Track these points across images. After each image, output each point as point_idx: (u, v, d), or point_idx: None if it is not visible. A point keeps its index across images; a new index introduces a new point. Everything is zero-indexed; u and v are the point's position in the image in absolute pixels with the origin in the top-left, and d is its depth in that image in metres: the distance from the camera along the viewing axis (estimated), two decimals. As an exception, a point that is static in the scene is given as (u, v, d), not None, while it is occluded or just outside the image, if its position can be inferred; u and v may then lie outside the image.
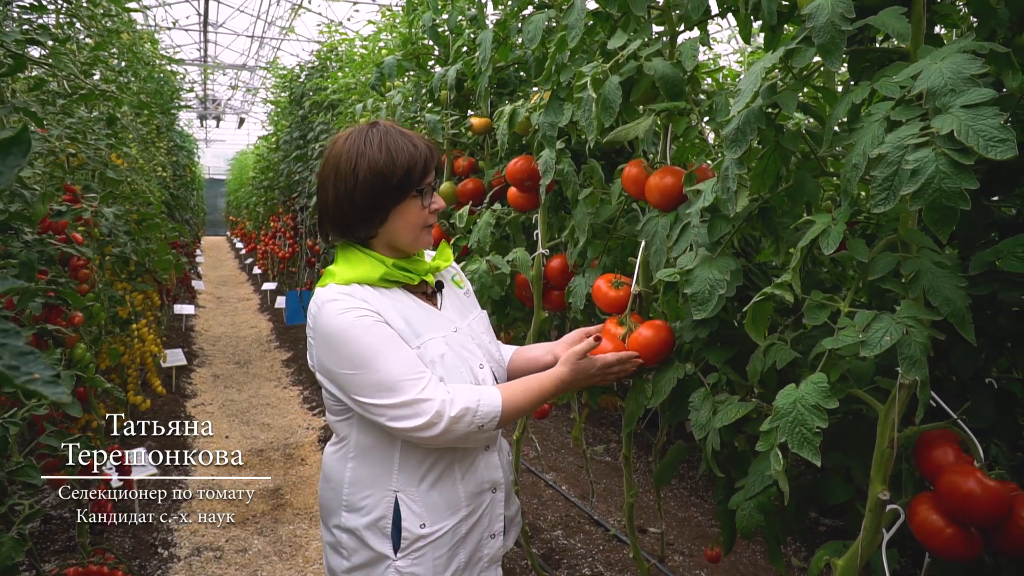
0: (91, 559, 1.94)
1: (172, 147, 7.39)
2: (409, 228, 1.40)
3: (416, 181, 1.37)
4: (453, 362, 1.40)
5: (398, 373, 1.29)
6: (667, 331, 1.52)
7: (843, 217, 1.01)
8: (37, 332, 1.64)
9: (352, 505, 1.42)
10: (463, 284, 1.65)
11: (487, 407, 1.33)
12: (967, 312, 0.93)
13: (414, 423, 1.28)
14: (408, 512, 1.37)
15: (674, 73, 1.44)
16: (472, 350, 1.47)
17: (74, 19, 2.76)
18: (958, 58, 0.84)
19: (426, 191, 1.39)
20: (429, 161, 1.39)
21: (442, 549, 1.38)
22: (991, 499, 0.97)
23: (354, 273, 1.38)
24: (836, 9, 0.96)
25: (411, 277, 1.44)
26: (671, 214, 1.48)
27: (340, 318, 1.31)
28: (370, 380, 1.29)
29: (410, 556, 1.37)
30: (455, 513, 1.40)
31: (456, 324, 1.49)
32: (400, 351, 1.32)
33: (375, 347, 1.29)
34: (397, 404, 1.29)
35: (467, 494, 1.42)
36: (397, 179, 1.35)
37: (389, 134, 1.38)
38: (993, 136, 0.75)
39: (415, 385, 1.29)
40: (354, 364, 1.30)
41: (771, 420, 1.03)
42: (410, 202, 1.38)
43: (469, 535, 1.43)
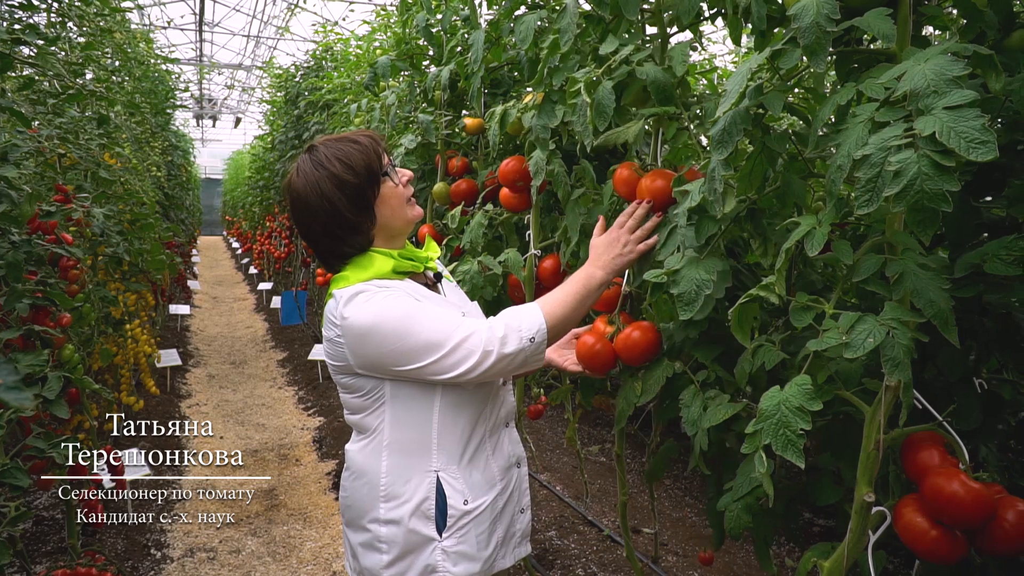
0: (80, 561, 1.94)
1: (167, 147, 7.37)
2: (396, 207, 1.46)
3: (378, 169, 1.42)
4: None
5: (438, 327, 1.34)
6: (654, 332, 1.53)
7: (828, 219, 1.01)
8: (24, 333, 1.64)
9: (392, 495, 1.42)
10: (452, 278, 1.70)
11: (528, 320, 1.37)
12: (951, 314, 0.93)
13: (470, 363, 1.33)
14: (452, 490, 1.41)
15: (664, 78, 1.44)
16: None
17: (65, 18, 2.75)
18: (941, 60, 0.84)
19: (390, 172, 1.45)
20: (376, 147, 1.44)
21: (484, 524, 1.43)
22: (975, 501, 0.96)
23: (367, 273, 1.42)
24: (821, 10, 0.96)
25: (417, 265, 1.50)
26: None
27: (369, 303, 1.35)
28: (417, 343, 1.34)
29: (456, 535, 1.40)
30: (492, 488, 1.46)
31: (463, 310, 1.54)
32: (432, 309, 1.38)
33: (409, 314, 1.35)
34: (448, 352, 1.33)
35: (499, 468, 1.48)
36: (363, 175, 1.40)
37: (328, 147, 1.43)
38: (975, 138, 0.75)
39: (456, 330, 1.34)
40: (398, 335, 1.34)
41: (756, 422, 1.02)
42: (384, 188, 1.43)
43: (504, 510, 1.48)
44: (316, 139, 1.48)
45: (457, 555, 1.40)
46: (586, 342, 1.60)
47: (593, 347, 1.58)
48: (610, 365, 1.59)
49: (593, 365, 1.59)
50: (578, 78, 1.56)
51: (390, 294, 1.37)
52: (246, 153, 14.21)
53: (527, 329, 1.36)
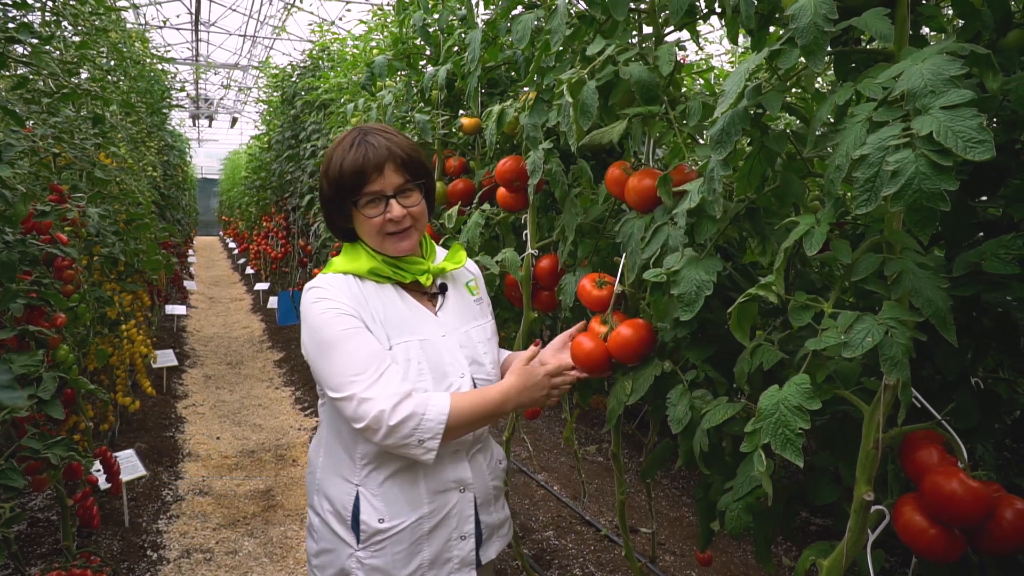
0: (75, 563, 1.93)
1: (163, 146, 7.35)
2: (367, 235, 1.43)
3: (348, 192, 1.39)
4: (423, 368, 1.39)
5: (349, 367, 1.30)
6: (647, 330, 1.53)
7: (827, 218, 1.01)
8: (19, 333, 1.63)
9: (322, 491, 1.46)
10: (476, 291, 1.64)
11: (433, 415, 1.30)
12: (949, 313, 0.93)
13: (359, 425, 1.29)
14: (367, 506, 1.39)
15: (649, 78, 1.44)
16: (457, 358, 1.46)
17: (59, 17, 2.73)
18: (939, 59, 0.84)
19: (365, 203, 1.39)
20: (361, 170, 1.37)
21: (402, 544, 1.39)
22: (973, 500, 0.97)
23: (350, 265, 1.42)
24: (819, 10, 0.96)
25: (402, 276, 1.45)
26: (647, 216, 1.49)
27: (312, 305, 1.36)
28: (328, 370, 1.32)
29: (370, 548, 1.39)
30: (416, 509, 1.40)
31: (447, 329, 1.47)
32: (361, 345, 1.32)
33: (334, 337, 1.32)
34: (344, 398, 1.30)
35: (429, 491, 1.41)
36: (332, 191, 1.41)
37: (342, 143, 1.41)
38: (972, 137, 0.75)
39: (362, 382, 1.29)
40: (319, 351, 1.34)
41: (754, 421, 1.02)
42: (356, 213, 1.41)
43: (433, 533, 1.42)
44: (374, 125, 1.46)
45: (371, 568, 1.39)
46: (580, 343, 1.60)
47: (587, 347, 1.58)
48: (605, 364, 1.59)
49: (589, 365, 1.59)
50: (563, 79, 1.56)
51: (331, 306, 1.34)
52: (242, 153, 14.18)
53: (423, 430, 1.30)
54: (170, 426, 5.08)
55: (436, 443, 1.30)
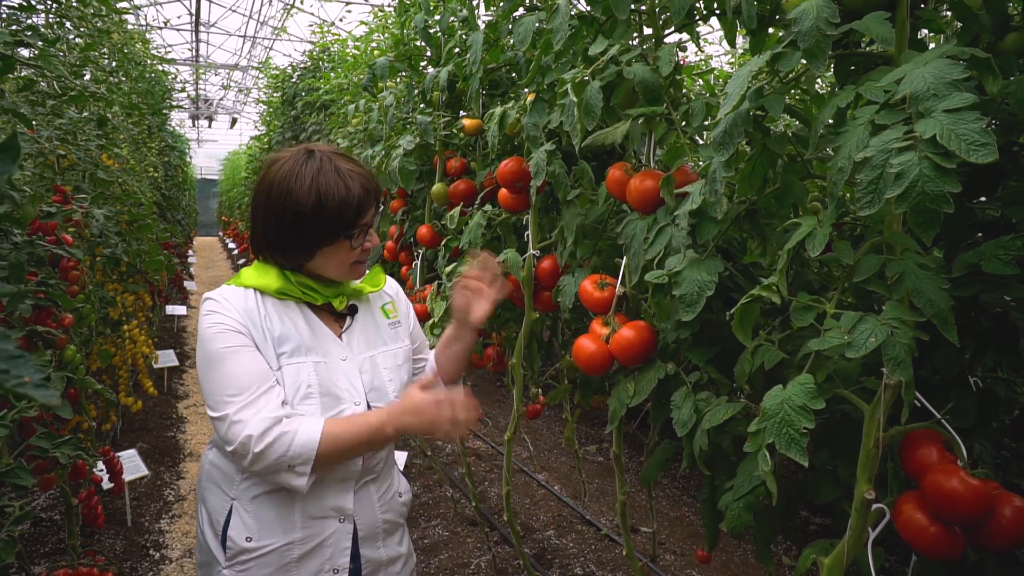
0: (81, 561, 1.94)
1: (163, 147, 7.35)
2: (335, 266, 1.36)
3: (346, 226, 1.31)
4: (311, 391, 1.32)
5: (226, 386, 1.25)
6: (649, 332, 1.54)
7: (829, 219, 1.02)
8: (27, 334, 1.64)
9: (203, 500, 1.41)
10: (392, 314, 1.56)
11: (302, 442, 1.23)
12: (950, 313, 0.94)
13: (228, 447, 1.24)
14: (237, 521, 1.33)
15: (653, 78, 1.45)
16: (354, 384, 1.38)
17: (64, 19, 2.74)
18: (940, 63, 0.85)
19: (357, 234, 1.34)
20: (364, 203, 1.32)
21: (267, 569, 1.31)
22: (973, 498, 0.98)
23: (258, 280, 1.36)
24: (821, 14, 0.97)
25: (313, 297, 1.38)
26: (649, 217, 1.50)
27: (203, 318, 1.32)
28: (207, 387, 1.28)
29: (236, 567, 1.32)
30: (287, 533, 1.32)
31: (348, 353, 1.40)
32: (241, 363, 1.26)
33: (218, 354, 1.27)
34: (217, 418, 1.25)
35: (304, 516, 1.34)
36: (325, 224, 1.29)
37: (323, 172, 1.29)
38: (975, 140, 0.77)
39: (235, 404, 1.23)
40: (203, 366, 1.29)
41: (759, 421, 1.04)
42: (340, 244, 1.33)
43: (304, 562, 1.33)
44: (321, 146, 1.35)
45: None
46: (582, 345, 1.61)
47: (589, 349, 1.59)
48: (607, 366, 1.60)
49: (590, 367, 1.60)
50: (567, 78, 1.57)
51: (219, 321, 1.29)
52: (242, 154, 14.18)
53: (291, 456, 1.23)
54: (171, 426, 5.09)
55: (307, 468, 1.23)
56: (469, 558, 3.39)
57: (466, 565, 3.33)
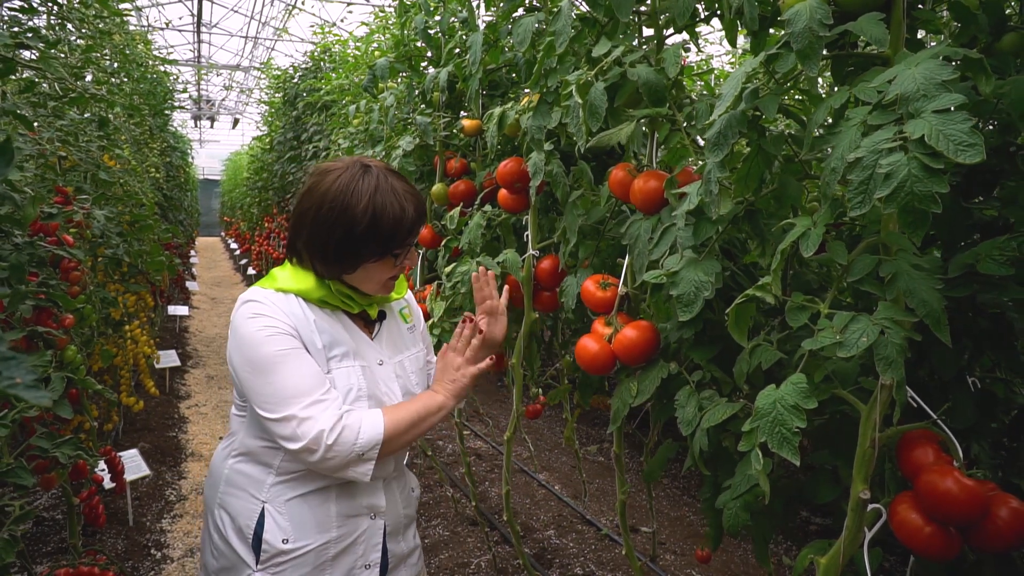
0: (81, 561, 1.95)
1: (165, 148, 7.37)
2: (374, 282, 1.39)
3: (396, 246, 1.34)
4: (361, 395, 1.35)
5: (287, 388, 1.25)
6: (651, 331, 1.54)
7: (823, 220, 1.03)
8: (28, 334, 1.65)
9: (225, 505, 1.39)
10: (410, 319, 1.60)
11: (369, 431, 1.28)
12: (943, 314, 0.95)
13: (295, 445, 1.24)
14: (272, 524, 1.33)
15: (657, 79, 1.45)
16: (392, 388, 1.43)
17: (65, 21, 2.76)
18: (931, 63, 0.85)
19: (402, 254, 1.37)
20: (416, 225, 1.35)
21: (304, 568, 1.33)
22: (968, 498, 0.98)
23: (296, 285, 1.36)
24: (814, 15, 0.97)
25: (351, 306, 1.40)
26: (653, 217, 1.50)
27: (250, 322, 1.29)
28: (264, 390, 1.26)
29: (269, 569, 1.32)
30: (324, 532, 1.34)
31: (383, 358, 1.44)
32: (300, 366, 1.28)
33: (274, 357, 1.27)
34: (280, 419, 1.25)
35: (339, 515, 1.36)
36: (377, 242, 1.32)
37: (379, 191, 1.31)
38: (963, 140, 0.77)
39: (301, 401, 1.25)
40: (253, 369, 1.28)
41: (752, 420, 1.04)
42: (385, 262, 1.36)
43: (338, 560, 1.36)
44: (375, 162, 1.37)
45: None
46: (585, 345, 1.61)
47: (592, 349, 1.60)
48: (609, 366, 1.61)
49: (593, 367, 1.61)
50: (571, 80, 1.57)
51: (268, 324, 1.28)
52: (244, 154, 14.21)
53: (360, 445, 1.27)
54: (173, 426, 5.10)
55: (375, 453, 1.28)
56: (469, 558, 3.40)
57: (466, 565, 3.34)
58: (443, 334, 2.31)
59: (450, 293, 2.23)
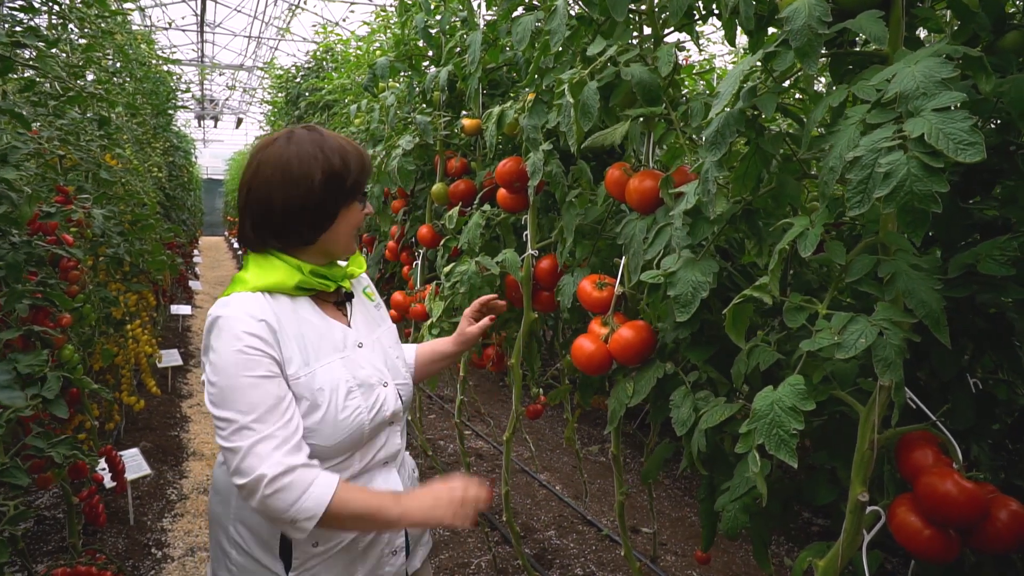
0: (79, 560, 1.95)
1: (168, 147, 7.39)
2: (349, 231, 1.36)
3: (363, 184, 1.37)
4: (352, 386, 1.31)
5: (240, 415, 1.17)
6: (648, 332, 1.54)
7: (821, 219, 1.02)
8: (24, 333, 1.64)
9: (243, 520, 1.33)
10: (373, 297, 1.58)
11: (314, 496, 1.18)
12: (942, 315, 0.94)
13: (237, 480, 1.17)
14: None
15: (651, 78, 1.45)
16: (378, 367, 1.40)
17: (65, 20, 2.76)
18: (930, 62, 0.84)
19: (361, 199, 1.38)
20: (367, 165, 1.37)
21: (337, 566, 1.31)
22: (967, 501, 0.97)
23: (267, 280, 1.29)
24: (813, 13, 0.96)
25: (327, 284, 1.36)
26: (649, 217, 1.49)
27: (219, 339, 1.22)
28: (219, 412, 1.20)
29: (305, 572, 1.30)
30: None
31: (363, 338, 1.41)
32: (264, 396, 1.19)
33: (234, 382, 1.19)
34: (228, 449, 1.18)
35: None
36: (350, 182, 1.32)
37: (331, 138, 1.33)
38: (963, 139, 0.76)
39: (250, 436, 1.17)
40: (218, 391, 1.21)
41: (749, 422, 1.03)
42: (354, 205, 1.35)
43: (368, 551, 1.35)
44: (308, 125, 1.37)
45: None
46: (581, 345, 1.60)
47: (588, 349, 1.59)
48: (606, 366, 1.60)
49: (589, 367, 1.60)
50: (564, 79, 1.56)
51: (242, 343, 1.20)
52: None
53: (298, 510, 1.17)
54: (175, 425, 5.11)
55: (310, 525, 1.18)
56: (469, 558, 3.39)
57: (466, 565, 3.33)
58: (442, 334, 2.30)
59: (449, 293, 2.23)
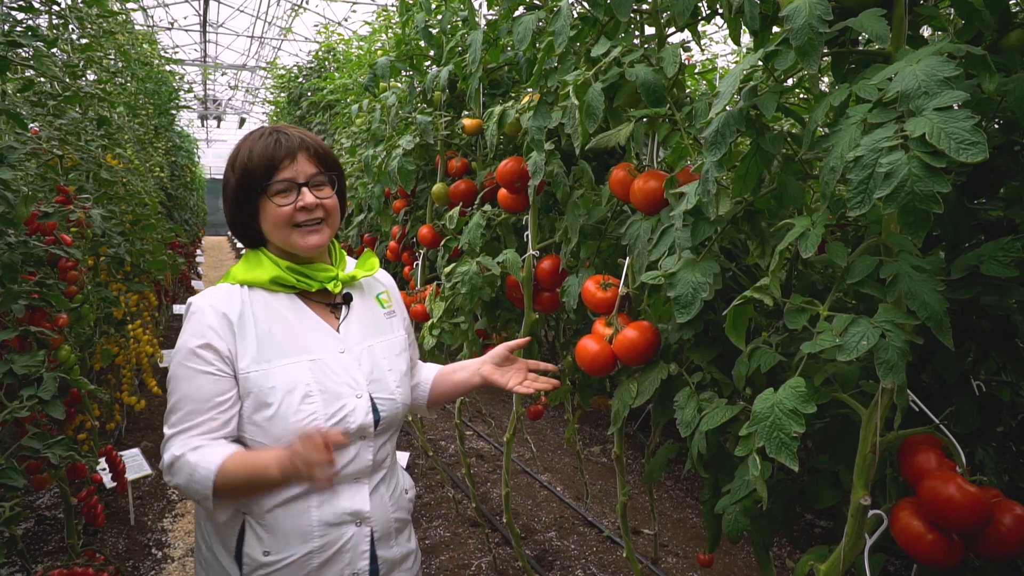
0: (76, 561, 1.94)
1: (171, 147, 7.39)
2: (276, 225, 1.33)
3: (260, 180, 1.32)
4: (311, 390, 1.29)
5: (173, 404, 1.27)
6: (652, 332, 1.53)
7: (822, 220, 1.01)
8: (20, 334, 1.63)
9: (208, 517, 1.35)
10: (388, 303, 1.53)
11: (201, 476, 1.21)
12: (945, 316, 0.92)
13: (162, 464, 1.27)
14: (252, 536, 1.29)
15: (655, 79, 1.43)
16: (354, 377, 1.35)
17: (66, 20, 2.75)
18: (933, 60, 0.83)
19: (277, 191, 1.32)
20: (272, 159, 1.32)
21: None
22: (971, 505, 0.96)
23: (248, 274, 1.35)
24: (814, 11, 0.95)
25: (308, 284, 1.36)
26: (653, 218, 1.48)
27: (184, 324, 1.32)
28: (169, 399, 1.29)
29: None
30: (306, 542, 1.29)
31: (346, 345, 1.38)
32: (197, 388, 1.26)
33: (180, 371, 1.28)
34: (165, 434, 1.27)
35: (321, 523, 1.30)
36: (238, 178, 1.34)
37: (248, 138, 1.37)
38: (965, 139, 0.75)
39: (172, 426, 1.26)
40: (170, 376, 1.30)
41: (749, 425, 1.02)
42: (264, 203, 1.33)
43: (324, 569, 1.31)
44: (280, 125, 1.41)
45: None
46: (585, 346, 1.59)
47: (592, 350, 1.58)
48: (610, 367, 1.59)
49: (593, 368, 1.59)
50: (569, 80, 1.55)
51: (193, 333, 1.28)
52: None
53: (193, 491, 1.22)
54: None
55: (211, 503, 1.22)
56: (470, 559, 3.39)
57: (467, 566, 3.32)
58: (443, 335, 2.29)
59: (449, 293, 2.22)
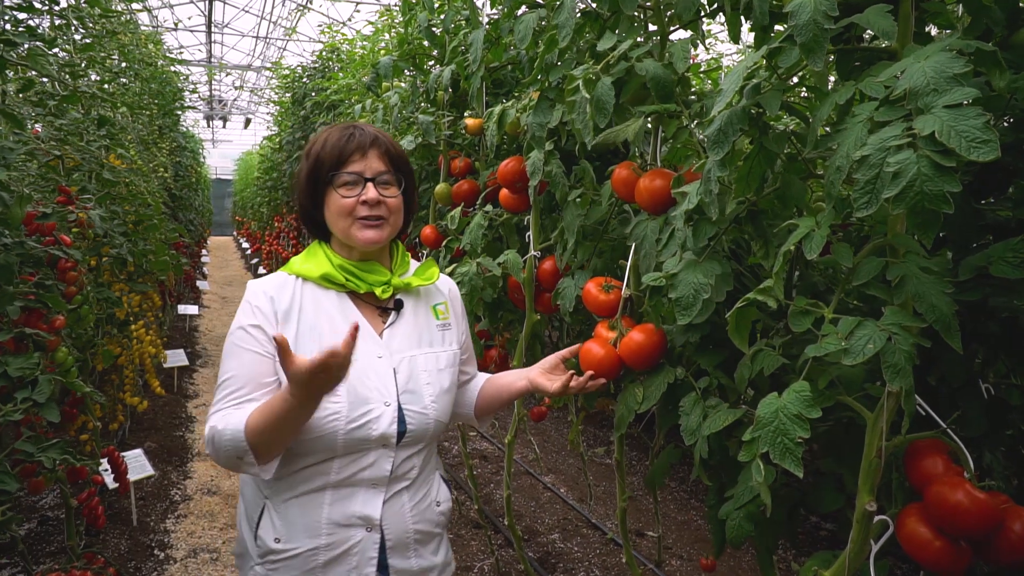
0: (75, 564, 1.93)
1: (175, 148, 7.40)
2: (338, 215, 1.36)
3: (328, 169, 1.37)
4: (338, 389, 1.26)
5: (222, 382, 1.32)
6: (659, 335, 1.50)
7: (827, 220, 0.98)
8: (15, 336, 1.62)
9: (243, 493, 1.45)
10: (445, 315, 1.52)
11: (230, 436, 1.24)
12: (953, 319, 0.90)
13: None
14: (267, 521, 1.34)
15: (665, 74, 1.41)
16: (387, 384, 1.35)
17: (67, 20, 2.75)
18: (942, 57, 0.81)
19: (343, 182, 1.36)
20: (344, 149, 1.37)
21: (294, 571, 1.31)
22: (979, 511, 0.94)
23: (303, 267, 1.41)
24: (819, 7, 0.93)
25: (356, 285, 1.38)
26: (660, 218, 1.46)
27: (238, 315, 1.37)
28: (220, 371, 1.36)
29: (266, 565, 1.34)
30: (313, 538, 1.31)
31: (386, 351, 1.37)
32: (241, 365, 1.32)
33: (228, 348, 1.35)
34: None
35: (331, 522, 1.32)
36: (311, 167, 1.40)
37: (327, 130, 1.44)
38: (976, 137, 0.72)
39: (215, 403, 1.30)
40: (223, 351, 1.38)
41: (753, 429, 1.00)
42: (330, 193, 1.38)
43: (329, 568, 1.32)
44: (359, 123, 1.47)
45: None
46: (590, 349, 1.56)
47: (598, 354, 1.55)
48: (616, 371, 1.55)
49: (598, 372, 1.56)
50: (576, 75, 1.53)
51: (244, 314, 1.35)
52: (255, 154, 14.27)
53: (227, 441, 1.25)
54: (180, 425, 5.10)
55: (252, 458, 1.24)
56: (473, 561, 3.37)
57: (469, 568, 3.31)
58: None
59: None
